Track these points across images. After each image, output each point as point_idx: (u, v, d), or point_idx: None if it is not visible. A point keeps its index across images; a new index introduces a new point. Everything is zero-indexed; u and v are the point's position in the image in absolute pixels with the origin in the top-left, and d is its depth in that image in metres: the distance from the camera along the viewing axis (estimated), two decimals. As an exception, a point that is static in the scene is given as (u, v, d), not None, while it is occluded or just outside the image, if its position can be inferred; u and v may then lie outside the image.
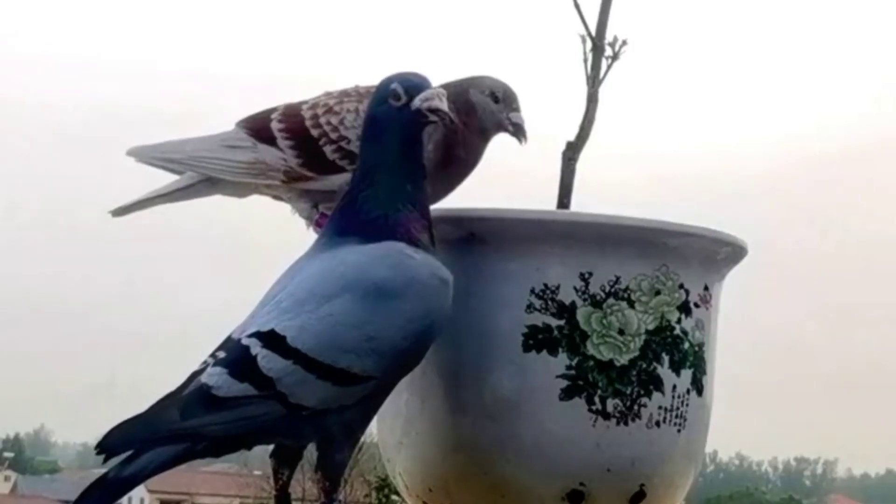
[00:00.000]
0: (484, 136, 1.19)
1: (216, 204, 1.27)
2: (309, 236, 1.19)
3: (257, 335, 1.02)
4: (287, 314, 1.03)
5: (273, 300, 1.05)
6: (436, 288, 1.05)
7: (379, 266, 1.04)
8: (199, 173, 1.21)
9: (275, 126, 1.19)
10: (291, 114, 1.19)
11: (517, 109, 1.19)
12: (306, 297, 1.04)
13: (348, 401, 1.03)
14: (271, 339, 1.02)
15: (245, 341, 1.02)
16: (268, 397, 1.01)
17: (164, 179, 1.24)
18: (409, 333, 1.03)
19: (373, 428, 1.15)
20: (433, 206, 1.17)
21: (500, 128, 1.19)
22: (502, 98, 1.18)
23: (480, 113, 1.18)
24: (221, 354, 1.03)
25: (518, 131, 1.19)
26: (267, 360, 1.01)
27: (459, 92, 1.17)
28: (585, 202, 1.17)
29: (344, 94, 1.19)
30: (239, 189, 1.22)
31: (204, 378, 1.01)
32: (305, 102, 1.19)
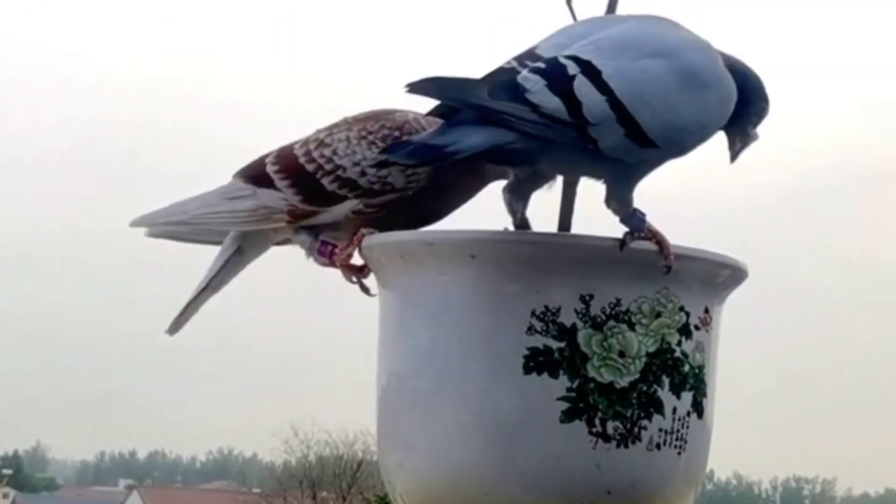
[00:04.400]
0: (482, 180, 1.18)
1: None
2: (308, 264, 1.19)
3: (575, 59, 1.03)
4: (606, 52, 1.04)
5: (587, 38, 1.05)
6: (732, 92, 1.08)
7: (695, 51, 1.08)
8: (211, 230, 1.22)
9: (270, 169, 1.20)
10: (284, 154, 1.20)
11: None
12: (625, 46, 1.05)
13: (627, 157, 1.05)
14: (588, 69, 1.02)
15: (563, 60, 1.03)
16: (569, 125, 1.02)
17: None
18: (699, 120, 1.07)
19: (372, 446, 1.15)
20: (432, 228, 1.18)
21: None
22: None
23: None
24: (533, 64, 1.03)
25: None
26: (582, 86, 1.02)
27: None
28: (586, 224, 1.17)
29: (333, 127, 1.21)
30: (259, 242, 1.22)
31: (520, 78, 1.01)
32: (297, 142, 1.21)
